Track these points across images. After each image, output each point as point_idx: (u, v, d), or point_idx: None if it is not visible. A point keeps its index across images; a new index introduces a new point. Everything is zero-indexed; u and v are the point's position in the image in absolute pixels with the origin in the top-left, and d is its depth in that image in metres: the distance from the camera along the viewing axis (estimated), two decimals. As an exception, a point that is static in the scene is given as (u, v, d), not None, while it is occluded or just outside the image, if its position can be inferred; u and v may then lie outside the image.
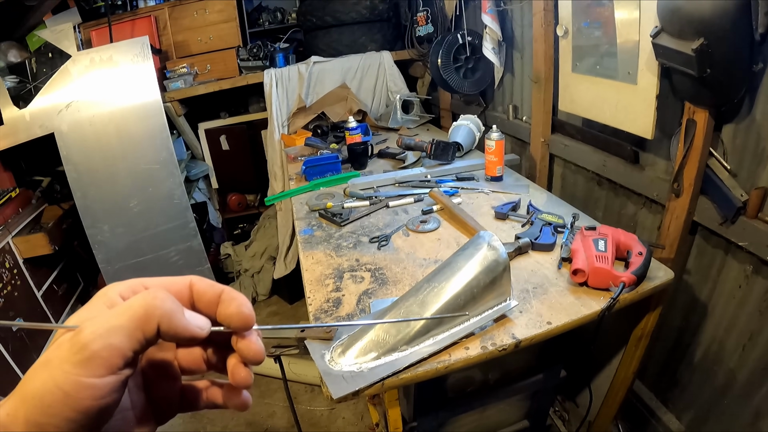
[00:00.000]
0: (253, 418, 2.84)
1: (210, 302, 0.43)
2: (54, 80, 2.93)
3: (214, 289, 0.44)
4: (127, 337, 0.36)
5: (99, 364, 0.35)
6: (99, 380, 0.35)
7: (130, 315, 0.37)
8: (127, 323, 0.37)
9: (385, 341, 1.16)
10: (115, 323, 0.36)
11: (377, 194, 2.21)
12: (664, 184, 1.77)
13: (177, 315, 0.39)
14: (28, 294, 3.01)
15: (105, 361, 0.35)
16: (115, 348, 0.36)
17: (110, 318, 0.37)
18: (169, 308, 0.38)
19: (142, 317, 0.37)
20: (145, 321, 0.37)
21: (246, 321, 0.42)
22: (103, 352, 0.35)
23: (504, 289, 1.24)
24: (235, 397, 0.46)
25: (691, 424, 1.87)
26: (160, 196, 3.17)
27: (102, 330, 0.36)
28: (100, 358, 0.35)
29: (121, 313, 0.37)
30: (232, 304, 0.42)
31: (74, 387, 0.34)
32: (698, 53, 1.29)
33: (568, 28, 2.01)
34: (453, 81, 2.87)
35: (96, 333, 0.35)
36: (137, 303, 0.38)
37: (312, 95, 3.62)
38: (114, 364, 0.36)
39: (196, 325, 0.40)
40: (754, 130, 1.43)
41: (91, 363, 0.35)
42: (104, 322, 0.36)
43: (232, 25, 3.78)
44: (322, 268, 1.67)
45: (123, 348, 0.36)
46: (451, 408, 1.64)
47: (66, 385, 0.34)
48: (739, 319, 1.60)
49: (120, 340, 0.36)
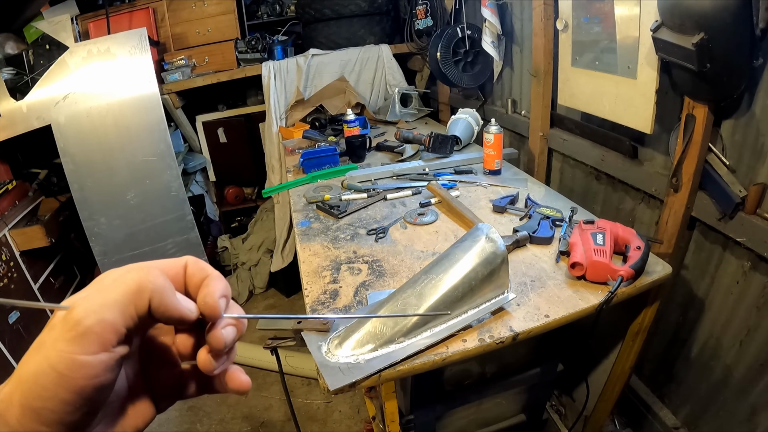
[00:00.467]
0: (249, 411, 2.84)
1: (196, 285, 0.43)
2: (51, 72, 2.92)
3: (202, 273, 0.44)
4: (119, 312, 0.36)
5: (92, 340, 0.35)
6: (92, 357, 0.35)
7: (122, 290, 0.37)
8: (119, 298, 0.36)
9: (383, 333, 1.15)
10: (108, 298, 0.36)
11: (375, 187, 2.20)
12: (662, 179, 1.76)
13: (168, 293, 0.39)
14: (25, 286, 3.00)
15: (98, 336, 0.35)
16: (108, 323, 0.35)
17: (103, 293, 0.37)
18: (161, 285, 0.38)
19: (134, 292, 0.37)
20: (137, 296, 0.37)
21: (210, 310, 0.42)
22: (96, 327, 0.35)
23: (502, 282, 1.24)
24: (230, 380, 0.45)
25: (688, 419, 1.88)
26: (158, 188, 3.16)
27: (95, 306, 0.36)
28: (93, 333, 0.35)
29: (114, 288, 0.37)
30: (203, 291, 0.42)
31: (68, 366, 0.34)
32: (698, 48, 1.29)
33: (567, 22, 2.00)
34: (452, 74, 2.86)
35: (89, 309, 0.35)
36: (130, 278, 0.38)
37: (310, 88, 3.61)
38: (107, 339, 0.35)
39: (186, 307, 0.40)
40: (754, 125, 1.43)
41: (84, 339, 0.34)
42: (97, 298, 0.36)
43: (231, 18, 3.76)
44: (320, 260, 1.67)
45: (116, 323, 0.36)
46: (448, 401, 1.64)
47: (60, 364, 0.34)
48: (736, 314, 1.60)
49: (113, 315, 0.36)
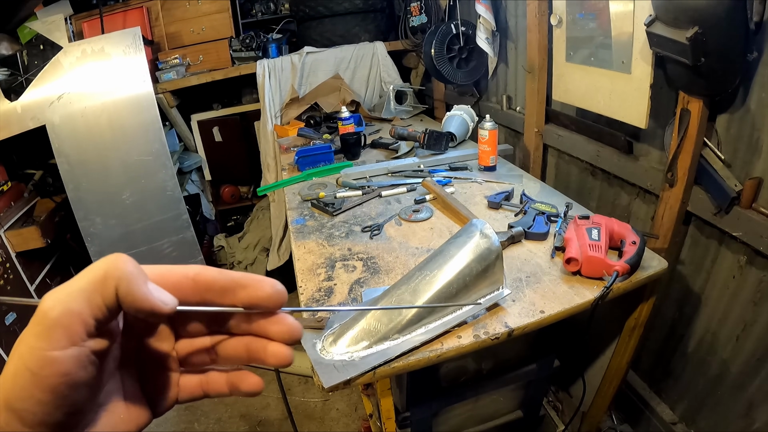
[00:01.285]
0: (246, 410, 2.84)
1: (224, 289, 0.41)
2: (45, 72, 2.91)
3: (228, 275, 0.41)
4: (85, 301, 0.34)
5: (60, 333, 0.33)
6: (61, 353, 0.33)
7: (89, 278, 0.35)
8: (85, 285, 0.35)
9: (377, 330, 1.15)
10: (74, 287, 0.34)
11: (370, 184, 2.20)
12: (658, 174, 1.76)
13: (136, 281, 0.35)
14: (21, 288, 2.99)
15: (65, 329, 0.33)
16: (74, 313, 0.33)
17: (70, 283, 0.35)
18: (129, 271, 0.35)
19: (100, 279, 0.35)
20: (102, 283, 0.35)
21: (281, 298, 0.41)
22: (62, 319, 0.33)
23: (497, 278, 1.23)
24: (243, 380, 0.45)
25: (685, 414, 1.88)
26: (153, 187, 3.15)
27: (61, 295, 0.34)
28: (59, 326, 0.33)
29: (80, 276, 0.35)
30: (265, 285, 0.41)
31: (38, 363, 0.33)
32: (692, 42, 1.28)
33: (562, 17, 2.00)
34: (446, 71, 2.86)
35: (55, 299, 0.34)
36: (97, 265, 0.36)
37: (305, 86, 3.60)
38: (75, 332, 0.33)
39: (158, 298, 0.36)
40: (749, 119, 1.42)
41: (51, 333, 0.33)
42: (65, 288, 0.35)
43: (225, 16, 3.75)
44: (314, 257, 1.67)
45: (82, 313, 0.34)
46: (444, 398, 1.63)
47: (31, 362, 0.33)
48: (732, 309, 1.59)
49: (78, 305, 0.34)
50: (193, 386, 0.46)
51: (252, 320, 0.43)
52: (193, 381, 0.46)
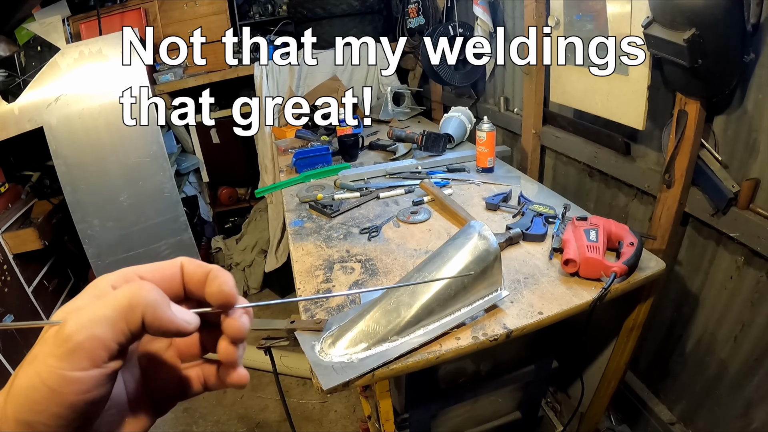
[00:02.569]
0: (245, 411, 2.83)
1: (199, 282, 0.43)
2: (43, 74, 2.90)
3: (203, 269, 0.43)
4: (110, 328, 0.35)
5: (83, 357, 0.34)
6: (83, 374, 0.34)
7: (113, 305, 0.36)
8: (110, 313, 0.36)
9: (376, 332, 1.15)
10: (99, 314, 0.35)
11: (368, 186, 2.20)
12: (655, 176, 1.77)
13: (162, 307, 0.38)
14: (19, 290, 2.99)
15: (88, 353, 0.34)
16: (99, 339, 0.35)
17: (94, 309, 0.36)
18: (153, 299, 0.37)
19: (126, 307, 0.36)
20: (129, 311, 0.36)
21: (227, 299, 0.42)
22: (86, 344, 0.34)
23: (495, 279, 1.24)
24: (228, 374, 0.45)
25: (683, 414, 1.88)
26: (151, 189, 3.15)
27: (85, 321, 0.35)
28: (83, 350, 0.34)
29: (105, 303, 0.36)
30: (214, 283, 0.42)
31: (58, 381, 0.34)
32: (690, 43, 1.29)
33: (559, 19, 2.00)
34: (444, 73, 2.86)
35: (79, 324, 0.35)
36: (122, 293, 0.37)
37: (303, 87, 3.61)
38: (98, 356, 0.35)
39: (183, 319, 0.39)
40: (746, 121, 1.43)
41: (74, 355, 0.34)
42: (88, 313, 0.35)
43: (222, 18, 3.76)
44: (312, 259, 1.67)
45: (106, 339, 0.35)
46: (443, 399, 1.64)
47: (50, 380, 0.34)
48: (730, 310, 1.60)
49: (103, 331, 0.35)
50: (194, 380, 0.47)
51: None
52: (192, 375, 0.47)
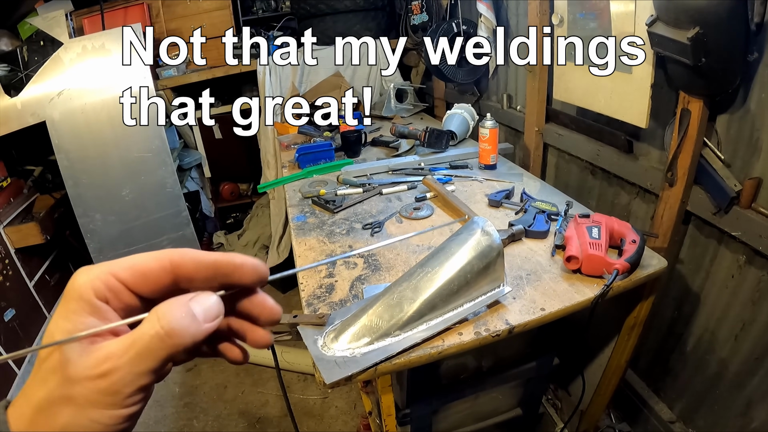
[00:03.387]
0: (246, 407, 2.84)
1: (208, 279, 0.41)
2: (46, 68, 2.91)
3: (207, 264, 0.41)
4: (150, 374, 0.37)
5: (123, 400, 0.36)
6: (124, 410, 0.36)
7: (152, 359, 0.37)
8: (151, 364, 0.37)
9: (378, 327, 1.15)
10: (138, 369, 0.36)
11: (370, 181, 2.20)
12: (657, 174, 1.77)
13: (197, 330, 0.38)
14: (20, 284, 3.00)
15: (130, 399, 0.36)
16: (142, 387, 0.37)
17: (134, 362, 0.36)
18: (191, 333, 0.38)
19: (163, 361, 0.37)
20: (171, 353, 0.37)
21: (263, 276, 0.43)
22: (131, 398, 0.36)
23: (497, 275, 1.24)
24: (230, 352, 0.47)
25: (683, 413, 1.89)
26: (153, 184, 3.16)
27: (128, 376, 0.36)
28: (125, 397, 0.36)
29: (143, 354, 0.36)
30: (246, 269, 0.42)
31: (105, 418, 0.35)
32: (693, 42, 1.29)
33: (563, 17, 2.00)
34: (447, 70, 2.86)
35: (118, 376, 0.36)
36: (156, 345, 0.37)
37: (305, 83, 3.61)
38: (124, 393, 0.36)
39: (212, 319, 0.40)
40: (749, 120, 1.43)
41: (115, 402, 0.35)
42: (122, 345, 0.36)
43: (226, 13, 3.76)
44: (315, 254, 1.67)
45: (147, 383, 0.37)
46: (445, 395, 1.64)
47: (97, 417, 0.35)
48: (731, 308, 1.60)
49: (145, 380, 0.37)
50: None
51: (237, 301, 0.45)
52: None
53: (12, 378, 2.71)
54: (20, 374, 2.77)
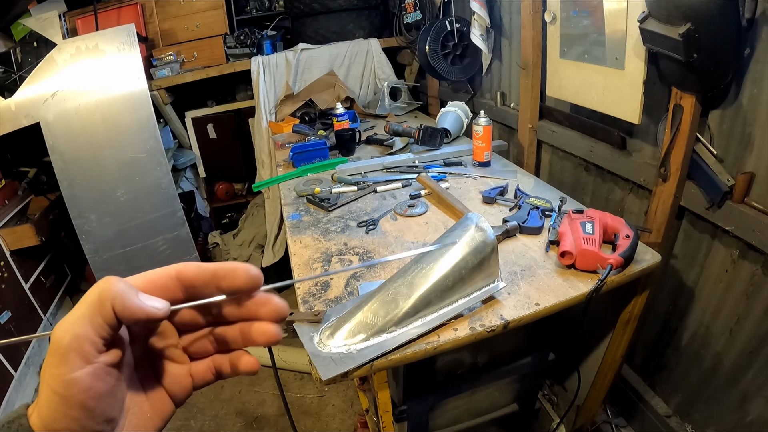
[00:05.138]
0: (243, 406, 2.84)
1: (206, 283, 0.45)
2: (39, 69, 2.90)
3: (207, 269, 0.45)
4: (88, 324, 0.38)
5: (74, 358, 0.37)
6: (79, 373, 0.37)
7: (87, 303, 0.39)
8: (85, 311, 0.39)
9: (374, 323, 1.16)
10: (76, 314, 0.39)
11: (365, 179, 2.21)
12: (651, 170, 1.78)
13: (129, 296, 0.40)
14: (16, 286, 2.99)
15: (77, 353, 0.37)
16: (81, 336, 0.38)
17: (72, 312, 0.39)
18: (120, 289, 0.40)
19: (96, 302, 0.39)
20: (99, 305, 0.39)
21: (256, 281, 0.45)
22: (72, 345, 0.37)
23: (492, 271, 1.24)
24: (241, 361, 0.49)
25: (679, 407, 1.89)
26: (148, 185, 3.15)
27: (66, 324, 0.38)
28: (72, 351, 0.37)
29: (79, 304, 0.39)
30: (239, 273, 0.45)
31: (63, 386, 0.37)
32: (685, 38, 1.29)
33: (556, 14, 2.01)
34: (441, 68, 2.87)
35: (62, 329, 0.38)
36: (91, 291, 0.40)
37: (300, 82, 3.60)
38: (86, 352, 0.38)
39: (152, 306, 0.41)
40: (741, 115, 1.43)
41: (67, 359, 0.37)
42: (68, 318, 0.39)
43: (219, 13, 3.75)
44: (310, 252, 1.67)
45: (88, 334, 0.38)
46: (441, 391, 1.64)
47: (57, 387, 0.37)
48: (725, 303, 1.61)
49: (83, 329, 0.38)
50: (204, 371, 0.50)
51: (242, 306, 0.47)
52: (203, 367, 0.50)
53: (9, 380, 2.71)
54: (17, 376, 2.77)
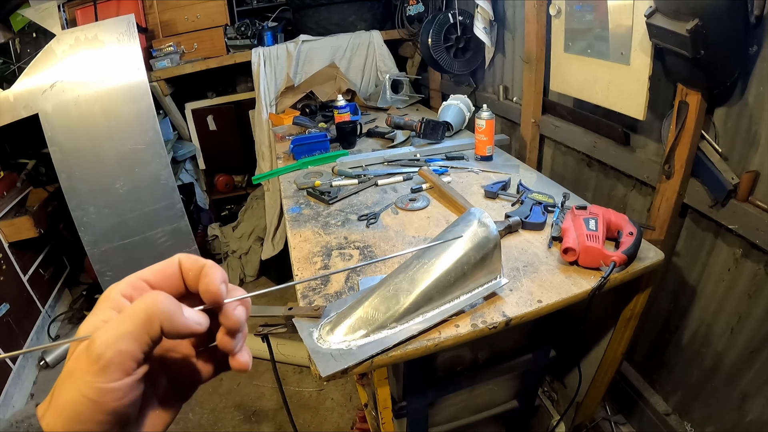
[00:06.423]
0: (241, 399, 2.84)
1: (195, 278, 0.47)
2: (38, 60, 2.89)
3: (198, 264, 0.47)
4: (135, 341, 0.39)
5: (114, 370, 0.38)
6: (117, 383, 0.39)
7: (134, 320, 0.40)
8: (133, 329, 0.40)
9: (374, 318, 1.15)
10: (122, 330, 0.39)
11: (366, 173, 2.19)
12: (654, 166, 1.76)
13: (177, 315, 0.42)
14: (15, 278, 2.99)
15: (119, 366, 0.39)
16: (126, 353, 0.39)
17: (117, 326, 0.40)
18: (169, 310, 0.41)
19: (145, 321, 0.40)
20: (148, 324, 0.40)
21: (214, 297, 0.45)
22: (116, 359, 0.38)
23: (494, 267, 1.23)
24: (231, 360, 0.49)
25: (679, 405, 1.89)
26: (147, 176, 3.14)
27: (111, 339, 0.39)
28: (114, 364, 0.38)
29: (126, 319, 0.40)
30: (203, 282, 0.45)
31: (98, 394, 0.38)
32: (692, 34, 1.28)
33: (561, 8, 1.99)
34: (443, 61, 2.85)
35: (107, 342, 0.39)
36: (140, 308, 0.41)
37: (300, 74, 3.58)
38: (128, 367, 0.39)
39: (195, 321, 0.43)
40: (747, 113, 1.42)
41: (107, 371, 0.38)
42: (113, 330, 0.39)
43: (220, 4, 3.72)
44: (310, 245, 1.66)
45: (133, 352, 0.39)
46: (441, 387, 1.63)
47: (90, 393, 0.38)
48: (727, 302, 1.60)
49: (129, 345, 0.39)
50: (206, 365, 0.52)
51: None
52: (204, 361, 0.52)
53: (7, 373, 2.70)
54: (15, 369, 2.76)
